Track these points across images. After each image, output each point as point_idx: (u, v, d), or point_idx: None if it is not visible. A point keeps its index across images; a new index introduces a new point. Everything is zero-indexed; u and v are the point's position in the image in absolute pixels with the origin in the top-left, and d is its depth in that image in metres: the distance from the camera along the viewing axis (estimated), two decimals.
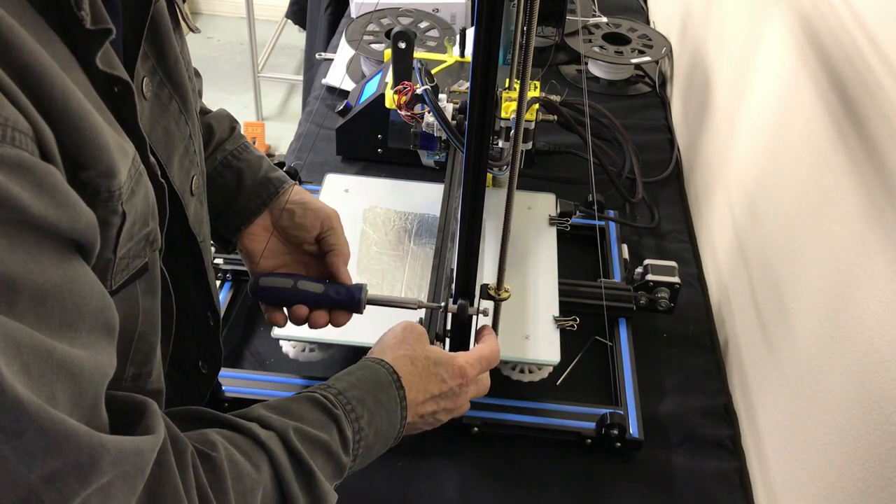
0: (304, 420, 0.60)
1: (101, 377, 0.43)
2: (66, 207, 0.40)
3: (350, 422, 0.62)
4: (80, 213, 0.41)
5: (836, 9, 0.82)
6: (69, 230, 0.41)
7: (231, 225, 0.77)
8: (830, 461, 0.73)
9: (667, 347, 1.03)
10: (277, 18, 3.20)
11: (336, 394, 0.63)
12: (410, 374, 0.69)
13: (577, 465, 0.88)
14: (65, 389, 0.39)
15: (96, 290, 0.44)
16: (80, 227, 0.42)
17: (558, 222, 1.11)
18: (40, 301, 0.39)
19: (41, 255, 0.39)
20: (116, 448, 0.41)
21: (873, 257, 0.68)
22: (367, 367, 0.68)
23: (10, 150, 0.37)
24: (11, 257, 0.37)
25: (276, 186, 0.77)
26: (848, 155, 0.75)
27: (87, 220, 0.42)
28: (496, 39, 0.58)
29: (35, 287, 0.39)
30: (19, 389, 0.36)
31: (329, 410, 0.61)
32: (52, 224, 0.39)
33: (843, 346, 0.72)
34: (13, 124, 0.37)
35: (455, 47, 1.23)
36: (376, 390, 0.66)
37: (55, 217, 0.39)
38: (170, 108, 0.58)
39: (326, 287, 0.76)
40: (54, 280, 0.40)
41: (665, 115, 1.48)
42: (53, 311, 0.40)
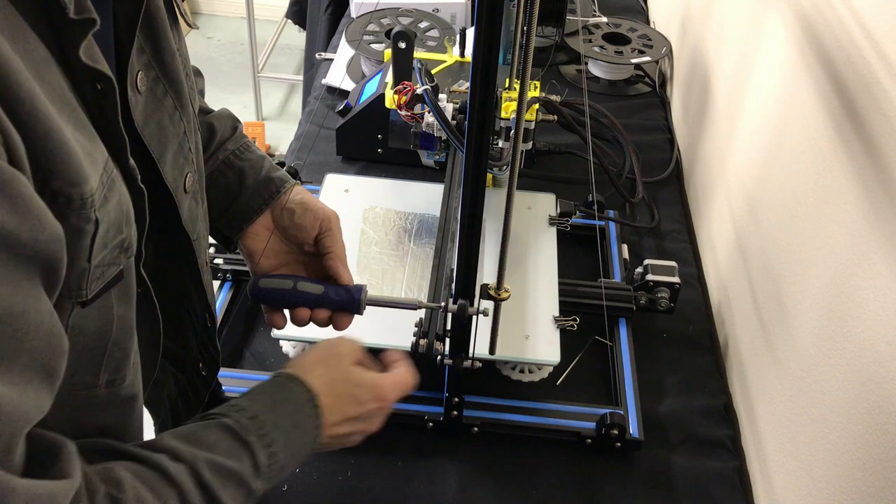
0: (216, 450, 0.57)
1: (22, 420, 0.41)
2: (28, 217, 0.38)
3: (264, 446, 0.60)
4: (43, 224, 0.40)
5: (836, 9, 0.82)
6: (30, 241, 0.39)
7: (233, 224, 0.77)
8: (830, 461, 0.73)
9: (667, 347, 1.03)
10: (277, 18, 3.20)
11: (250, 417, 0.61)
12: (328, 395, 0.67)
13: (577, 465, 0.88)
14: None
15: (42, 329, 0.41)
16: (43, 239, 0.40)
17: (558, 222, 1.11)
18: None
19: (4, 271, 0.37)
20: (27, 492, 0.39)
21: (873, 257, 0.68)
22: (283, 387, 0.66)
23: None
24: None
25: (277, 186, 0.77)
26: (848, 155, 0.75)
27: (51, 232, 0.40)
28: (496, 39, 0.58)
29: None
30: None
31: (241, 438, 0.59)
32: (10, 234, 0.37)
33: (843, 345, 0.72)
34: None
35: (455, 47, 1.23)
36: (293, 412, 0.64)
37: (15, 227, 0.38)
38: (164, 103, 0.57)
39: (326, 288, 0.76)
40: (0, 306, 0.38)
41: (665, 115, 1.48)
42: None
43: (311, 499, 0.83)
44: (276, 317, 0.77)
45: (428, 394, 0.91)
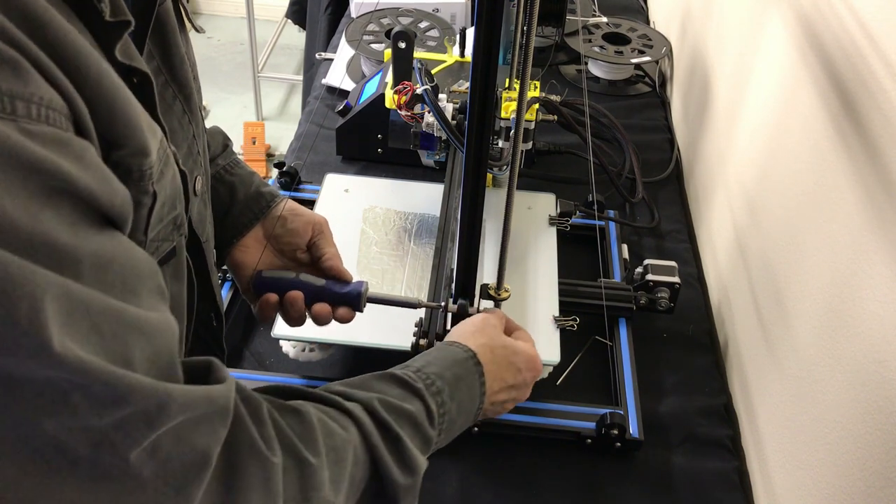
0: (387, 394, 0.60)
1: (173, 336, 0.44)
2: (105, 182, 0.40)
3: (432, 395, 0.63)
4: (116, 190, 0.42)
5: (836, 9, 0.82)
6: (108, 205, 0.41)
7: (224, 238, 0.78)
8: (830, 461, 0.73)
9: (667, 347, 1.03)
10: (277, 18, 3.20)
11: (415, 370, 0.64)
12: (490, 362, 0.70)
13: (577, 465, 0.88)
14: (141, 349, 0.40)
15: (144, 257, 0.44)
16: (118, 203, 0.42)
17: (558, 222, 1.11)
18: (101, 268, 0.39)
19: (89, 226, 0.40)
20: (184, 395, 0.42)
21: (873, 257, 0.68)
22: (444, 348, 0.70)
23: (46, 129, 0.37)
24: (65, 227, 0.38)
25: (268, 201, 0.79)
26: (848, 155, 0.75)
27: (123, 197, 0.42)
28: (496, 39, 0.58)
29: (93, 254, 0.39)
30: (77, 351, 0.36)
31: (409, 385, 0.62)
32: (95, 196, 0.39)
33: (843, 345, 0.72)
34: (47, 103, 0.37)
35: (455, 47, 1.23)
36: (455, 366, 0.67)
37: (98, 190, 0.40)
38: (174, 107, 0.58)
39: (328, 282, 0.76)
40: (108, 248, 0.40)
41: (665, 115, 1.48)
42: (115, 277, 0.40)
43: None
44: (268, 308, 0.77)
45: None
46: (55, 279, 0.36)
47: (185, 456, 0.42)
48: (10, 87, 0.36)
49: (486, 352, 0.71)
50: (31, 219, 0.36)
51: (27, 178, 0.36)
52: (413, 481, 0.58)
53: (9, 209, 0.35)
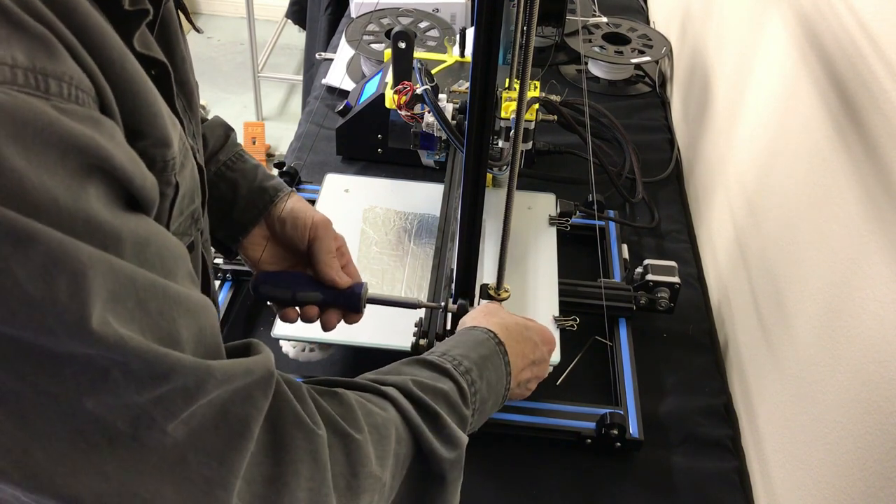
0: (419, 376, 0.61)
1: (214, 315, 0.44)
2: (136, 163, 0.40)
3: (461, 374, 0.63)
4: (145, 173, 0.41)
5: (836, 9, 0.82)
6: (140, 187, 0.40)
7: (229, 235, 0.78)
8: (830, 461, 0.73)
9: (667, 347, 1.03)
10: (277, 18, 3.20)
11: (441, 354, 0.65)
12: (507, 338, 0.71)
13: (577, 465, 0.88)
14: (188, 326, 0.40)
15: (175, 241, 0.44)
16: (148, 186, 0.41)
17: (558, 222, 1.11)
18: (141, 248, 0.39)
19: (125, 206, 0.39)
20: (223, 370, 0.42)
21: (873, 257, 0.68)
22: (464, 333, 0.70)
23: (78, 109, 0.37)
24: (104, 205, 0.37)
25: (271, 196, 0.78)
26: (848, 155, 0.75)
27: (152, 182, 0.42)
28: (496, 39, 0.58)
29: (132, 234, 0.39)
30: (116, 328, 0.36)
31: (439, 367, 0.63)
32: (129, 176, 0.39)
33: (843, 346, 0.72)
34: (78, 83, 0.37)
35: (455, 47, 1.23)
36: (479, 347, 0.68)
37: (132, 169, 0.39)
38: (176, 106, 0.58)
39: (325, 294, 0.76)
40: (145, 229, 0.40)
41: (665, 115, 1.48)
42: (154, 258, 0.40)
43: None
44: (288, 311, 0.77)
45: None
46: (100, 255, 0.36)
47: (225, 427, 0.42)
48: (44, 64, 0.35)
49: (502, 330, 0.72)
50: (71, 196, 0.35)
51: (65, 155, 0.35)
52: (458, 455, 0.59)
53: (49, 186, 0.34)
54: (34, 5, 0.36)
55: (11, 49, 0.34)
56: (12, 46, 0.34)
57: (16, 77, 0.34)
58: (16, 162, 0.33)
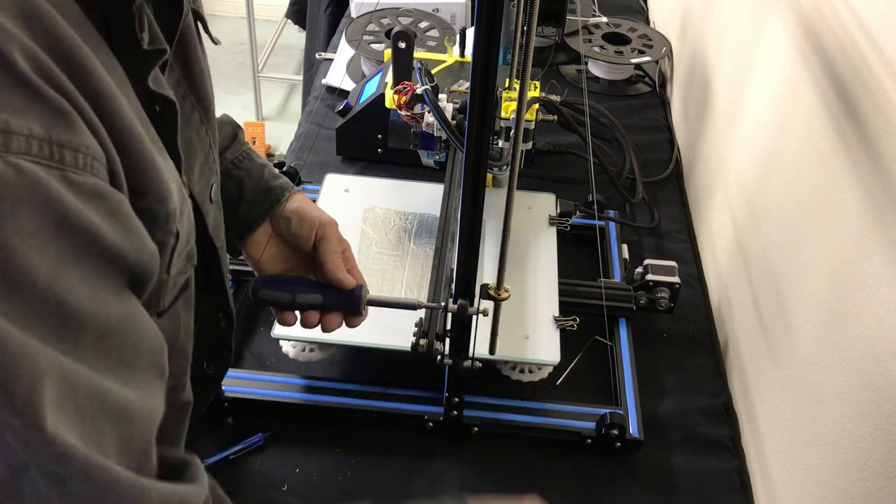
0: None
1: (152, 422, 0.43)
2: (134, 237, 0.41)
3: None
4: (145, 244, 0.42)
5: (836, 9, 0.82)
6: (135, 261, 0.41)
7: (234, 233, 0.78)
8: (830, 461, 0.73)
9: (667, 347, 1.03)
10: (277, 18, 3.20)
11: None
12: None
13: (577, 465, 0.88)
14: (115, 433, 0.40)
15: (150, 331, 0.44)
16: (145, 258, 0.42)
17: (558, 222, 1.11)
18: (102, 338, 0.39)
19: (107, 288, 0.39)
20: (160, 495, 0.41)
21: (873, 257, 0.68)
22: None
23: (90, 179, 0.38)
24: (83, 289, 0.37)
25: (277, 195, 0.78)
26: (848, 155, 0.75)
27: (151, 251, 0.43)
28: (496, 39, 0.58)
29: (100, 323, 0.39)
30: (67, 437, 0.36)
31: None
32: (122, 254, 0.40)
33: (843, 346, 0.72)
34: (92, 153, 0.38)
35: (455, 47, 1.23)
36: None
37: (126, 247, 0.40)
38: (192, 118, 0.59)
39: (325, 296, 0.76)
40: (116, 316, 0.40)
41: (665, 115, 1.48)
42: (112, 349, 0.40)
43: (311, 499, 0.83)
44: (287, 315, 0.77)
45: (428, 394, 0.91)
46: (55, 359, 0.36)
47: None
48: (60, 135, 0.36)
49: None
50: (51, 278, 0.36)
51: (59, 235, 0.36)
52: None
53: (34, 265, 0.35)
54: (55, 75, 0.37)
55: (29, 120, 0.35)
56: (30, 118, 0.35)
57: (31, 147, 0.35)
58: (9, 236, 0.34)
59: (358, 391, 0.92)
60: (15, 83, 0.35)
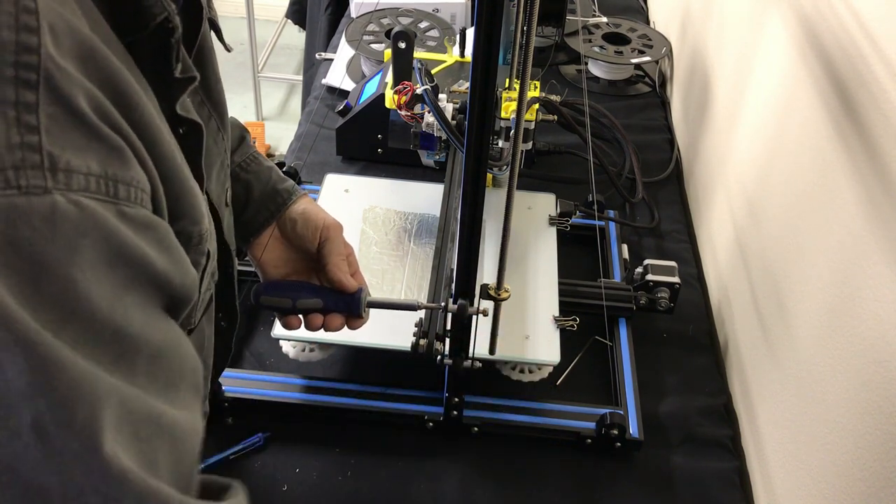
0: None
1: (198, 439, 0.44)
2: (179, 263, 0.42)
3: None
4: (187, 270, 0.44)
5: (836, 9, 0.82)
6: (179, 286, 0.43)
7: (241, 235, 0.78)
8: (831, 461, 0.73)
9: (667, 347, 1.03)
10: (277, 18, 3.20)
11: None
12: None
13: (577, 465, 0.88)
14: (168, 454, 0.41)
15: (190, 352, 0.45)
16: (188, 283, 0.43)
17: (558, 222, 1.11)
18: (153, 361, 0.40)
19: (157, 314, 0.41)
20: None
21: (873, 257, 0.68)
22: None
23: (140, 211, 0.39)
24: (137, 316, 0.39)
25: (284, 198, 0.78)
26: (848, 155, 0.75)
27: (193, 277, 0.44)
28: (496, 39, 0.58)
29: (150, 347, 0.40)
30: (123, 460, 0.36)
31: None
32: (169, 281, 0.41)
33: (844, 346, 0.72)
34: (142, 185, 0.40)
35: (455, 47, 1.23)
36: None
37: (172, 273, 0.41)
38: (209, 125, 0.59)
39: (325, 300, 0.76)
40: (164, 340, 0.41)
41: (665, 115, 1.48)
42: (161, 372, 0.41)
43: (311, 499, 0.83)
44: (291, 319, 0.78)
45: (428, 394, 0.91)
46: (113, 384, 0.37)
47: None
48: (115, 171, 0.38)
49: None
50: (109, 307, 0.37)
51: (115, 266, 0.37)
52: None
53: (94, 296, 0.36)
54: (110, 114, 0.38)
55: (88, 159, 0.37)
56: (89, 156, 0.37)
57: (89, 184, 0.37)
58: (72, 270, 0.35)
59: (358, 391, 0.92)
60: (76, 124, 0.37)
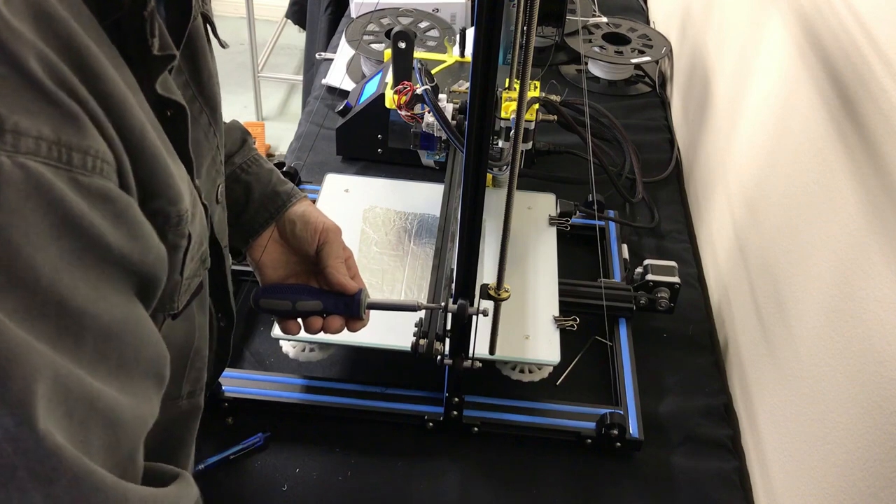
0: None
1: (142, 427, 0.43)
2: (140, 240, 0.41)
3: None
4: (150, 247, 0.42)
5: (836, 9, 0.82)
6: (139, 263, 0.41)
7: (239, 237, 0.78)
8: (831, 461, 0.73)
9: (667, 347, 1.03)
10: (277, 18, 3.20)
11: None
12: None
13: (577, 465, 0.88)
14: (101, 437, 0.40)
15: (153, 339, 0.44)
16: (149, 261, 0.42)
17: (558, 222, 1.11)
18: (104, 339, 0.39)
19: (111, 291, 0.40)
20: (140, 498, 0.41)
21: (873, 257, 0.68)
22: None
23: (98, 181, 0.38)
24: (85, 290, 0.38)
25: (283, 200, 0.78)
26: (848, 155, 0.75)
27: (157, 254, 0.43)
28: (496, 39, 0.58)
29: (101, 325, 0.39)
30: (57, 438, 0.36)
31: None
32: (125, 256, 0.40)
33: (844, 346, 0.72)
34: (102, 155, 0.39)
35: (455, 47, 1.23)
36: None
37: (129, 249, 0.40)
38: (200, 120, 0.59)
39: (325, 302, 0.76)
40: (119, 319, 0.40)
41: (665, 115, 1.48)
42: (113, 353, 0.40)
43: (311, 499, 0.83)
44: (290, 324, 0.78)
45: (428, 394, 0.91)
46: (50, 359, 0.36)
47: None
48: (69, 139, 0.37)
49: None
50: (53, 276, 0.36)
51: (62, 235, 0.36)
52: None
53: (37, 263, 0.35)
54: (67, 79, 0.37)
55: (39, 123, 0.36)
56: (41, 120, 0.36)
57: (39, 149, 0.36)
58: (14, 234, 0.34)
59: (358, 391, 0.92)
60: (27, 86, 0.36)
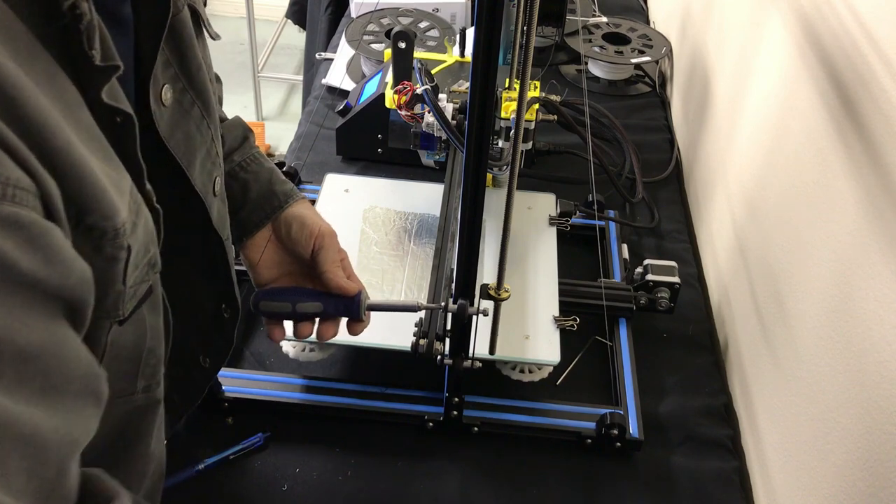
0: None
1: (72, 447, 0.42)
2: (57, 264, 0.40)
3: None
4: (71, 270, 0.41)
5: (836, 9, 0.82)
6: (58, 287, 0.40)
7: (235, 234, 0.78)
8: (830, 461, 0.73)
9: (667, 347, 1.03)
10: (277, 18, 3.20)
11: None
12: None
13: (577, 465, 0.88)
14: (21, 460, 0.38)
15: (82, 358, 0.43)
16: (70, 284, 0.41)
17: (558, 222, 1.11)
18: (22, 362, 0.38)
19: (27, 315, 0.39)
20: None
21: (873, 257, 0.68)
22: None
23: (8, 208, 0.37)
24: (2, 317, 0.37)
25: (280, 201, 0.78)
26: (848, 155, 0.75)
27: (79, 276, 0.42)
28: (496, 39, 0.58)
29: (18, 347, 0.38)
30: None
31: None
32: (40, 281, 0.39)
33: (844, 346, 0.72)
34: (14, 182, 0.38)
35: (455, 47, 1.23)
36: None
37: (45, 274, 0.39)
38: (191, 113, 0.59)
39: (325, 304, 0.76)
40: (39, 341, 0.40)
41: (665, 115, 1.48)
42: (36, 374, 0.39)
43: (311, 499, 0.83)
44: (276, 330, 0.78)
45: (428, 394, 0.91)
46: None
47: None
48: None
49: None
50: None
51: None
52: None
53: None
54: None
55: None
56: None
57: None
58: None
59: (358, 391, 0.92)
60: None
